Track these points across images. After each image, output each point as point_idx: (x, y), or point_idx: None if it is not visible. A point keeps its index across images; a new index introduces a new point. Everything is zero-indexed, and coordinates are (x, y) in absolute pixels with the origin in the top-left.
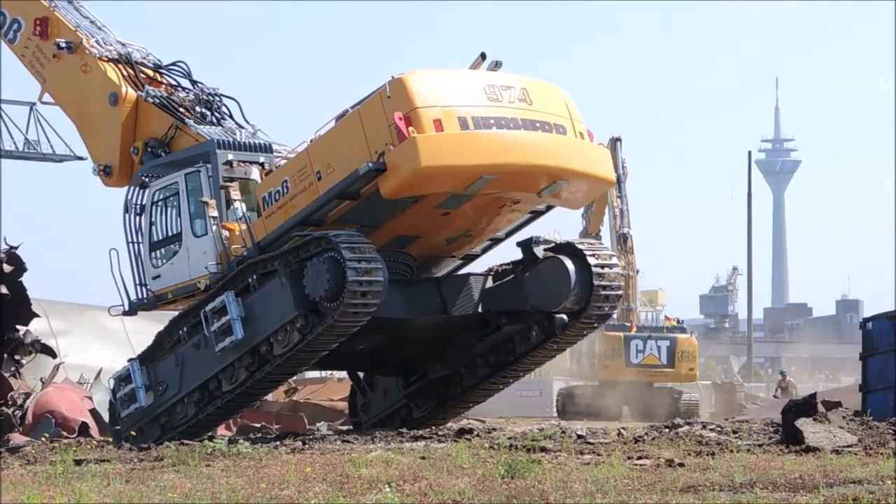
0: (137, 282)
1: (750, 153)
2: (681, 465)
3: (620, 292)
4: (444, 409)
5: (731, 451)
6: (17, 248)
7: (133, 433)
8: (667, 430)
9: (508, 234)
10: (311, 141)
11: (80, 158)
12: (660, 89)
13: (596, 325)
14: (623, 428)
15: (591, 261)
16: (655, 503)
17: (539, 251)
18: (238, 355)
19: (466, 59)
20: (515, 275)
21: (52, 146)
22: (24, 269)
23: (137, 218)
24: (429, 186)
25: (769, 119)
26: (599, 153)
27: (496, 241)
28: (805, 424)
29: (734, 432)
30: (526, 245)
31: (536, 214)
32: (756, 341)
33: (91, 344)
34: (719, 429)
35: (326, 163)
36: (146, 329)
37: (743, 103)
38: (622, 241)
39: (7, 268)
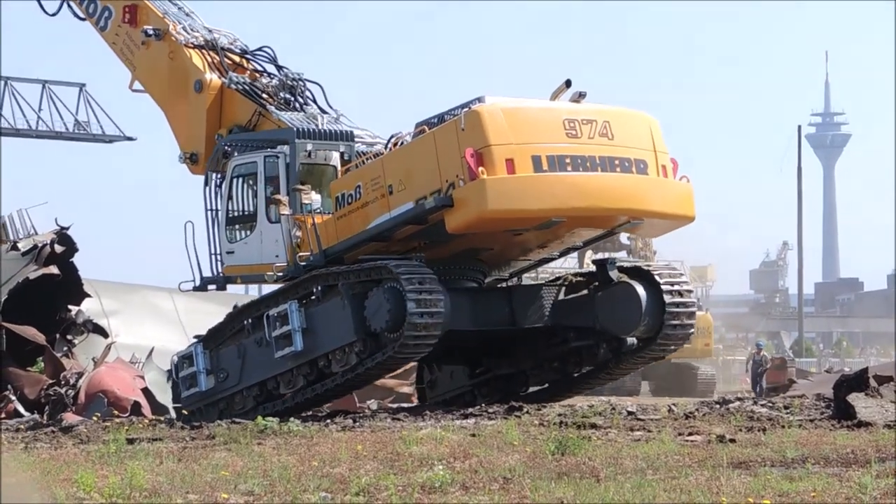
0: (212, 251)
1: (800, 127)
2: (732, 440)
3: (692, 330)
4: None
5: (783, 426)
6: (67, 228)
7: (186, 412)
8: (717, 406)
9: (586, 244)
10: (386, 150)
11: (130, 139)
12: (710, 63)
13: (663, 355)
14: (673, 404)
15: (667, 298)
16: (707, 479)
17: (614, 275)
18: (297, 364)
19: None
20: (588, 291)
21: (101, 127)
22: (76, 250)
23: (217, 189)
24: (495, 226)
25: (819, 93)
26: (680, 190)
27: (573, 249)
28: (857, 399)
29: (785, 408)
30: (601, 265)
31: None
32: (807, 316)
33: (143, 324)
34: (770, 404)
35: (399, 178)
36: (197, 308)
37: (793, 77)
38: None
39: (58, 248)
